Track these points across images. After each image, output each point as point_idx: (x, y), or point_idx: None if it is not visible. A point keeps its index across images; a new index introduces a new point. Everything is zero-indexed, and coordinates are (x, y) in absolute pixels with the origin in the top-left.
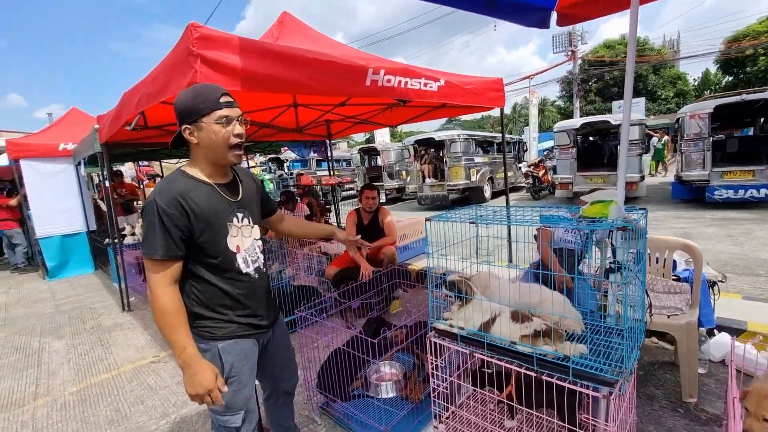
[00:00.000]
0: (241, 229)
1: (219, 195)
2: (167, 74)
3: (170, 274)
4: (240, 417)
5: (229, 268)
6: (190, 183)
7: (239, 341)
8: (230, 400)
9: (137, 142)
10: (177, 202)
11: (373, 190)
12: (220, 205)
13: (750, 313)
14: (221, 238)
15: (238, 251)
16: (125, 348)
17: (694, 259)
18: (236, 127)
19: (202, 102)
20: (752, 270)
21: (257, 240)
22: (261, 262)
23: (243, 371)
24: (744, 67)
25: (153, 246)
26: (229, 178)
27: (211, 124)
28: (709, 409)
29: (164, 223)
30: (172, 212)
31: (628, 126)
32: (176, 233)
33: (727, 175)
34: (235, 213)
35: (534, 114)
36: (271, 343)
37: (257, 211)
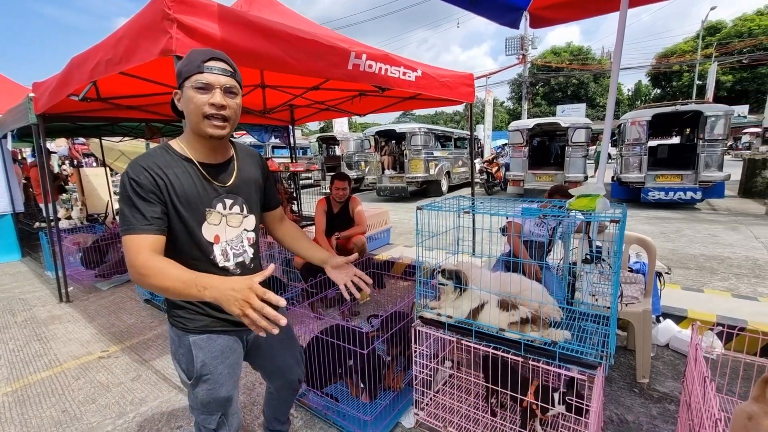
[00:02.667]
0: (226, 217)
1: (200, 176)
2: (134, 39)
3: (154, 247)
4: (215, 419)
5: (202, 259)
6: (168, 158)
7: (213, 337)
8: (204, 398)
9: (79, 115)
10: (145, 170)
11: (344, 180)
12: (200, 188)
13: (689, 302)
14: (195, 224)
15: (216, 242)
16: (67, 343)
17: (649, 252)
18: (216, 95)
19: (187, 64)
20: (684, 264)
21: (248, 231)
22: (248, 257)
23: (217, 371)
24: (671, 81)
25: (130, 221)
26: (224, 158)
27: (188, 89)
28: (660, 388)
29: (138, 193)
30: (143, 182)
31: (610, 125)
32: (155, 204)
33: (660, 178)
34: (222, 199)
35: (489, 112)
36: (263, 341)
37: (256, 200)
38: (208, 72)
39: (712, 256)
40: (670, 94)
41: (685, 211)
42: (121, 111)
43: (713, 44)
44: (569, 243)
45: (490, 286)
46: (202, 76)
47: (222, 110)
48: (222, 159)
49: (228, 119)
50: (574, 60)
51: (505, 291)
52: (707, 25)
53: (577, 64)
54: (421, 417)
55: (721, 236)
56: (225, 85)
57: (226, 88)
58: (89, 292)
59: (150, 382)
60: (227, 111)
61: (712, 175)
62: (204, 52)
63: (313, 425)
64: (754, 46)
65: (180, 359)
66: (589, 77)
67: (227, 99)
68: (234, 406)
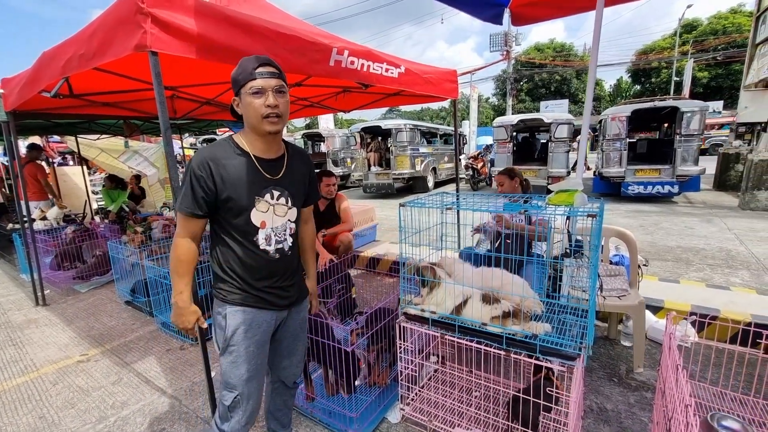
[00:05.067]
0: (273, 206)
1: (255, 167)
2: (107, 33)
3: (190, 229)
4: (231, 397)
5: (248, 240)
6: (229, 150)
7: (247, 310)
8: (226, 369)
9: (52, 113)
10: (207, 164)
11: (332, 177)
12: (253, 177)
13: (665, 293)
14: (245, 209)
15: (262, 227)
16: (44, 347)
17: (629, 244)
18: (269, 97)
19: (240, 73)
20: (661, 256)
21: (291, 222)
22: (287, 245)
23: (243, 343)
24: (650, 77)
25: (181, 201)
26: (277, 155)
27: (246, 95)
28: (637, 377)
29: (192, 183)
30: (200, 174)
31: (588, 119)
32: (200, 194)
33: (639, 173)
34: (270, 190)
35: (474, 108)
36: (283, 327)
37: (301, 195)
38: (260, 78)
39: (688, 247)
40: (649, 90)
41: (663, 204)
42: (97, 108)
43: (690, 41)
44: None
45: (472, 281)
46: (256, 83)
47: (276, 109)
48: (275, 155)
49: (281, 115)
50: (557, 56)
51: (487, 285)
52: (684, 23)
53: (560, 60)
54: (406, 412)
55: (697, 228)
56: (275, 87)
57: (276, 89)
58: (67, 295)
59: (132, 385)
60: (280, 108)
61: (688, 170)
62: (253, 60)
63: (299, 423)
64: (728, 44)
65: (217, 326)
66: (571, 74)
67: (278, 98)
68: (254, 390)
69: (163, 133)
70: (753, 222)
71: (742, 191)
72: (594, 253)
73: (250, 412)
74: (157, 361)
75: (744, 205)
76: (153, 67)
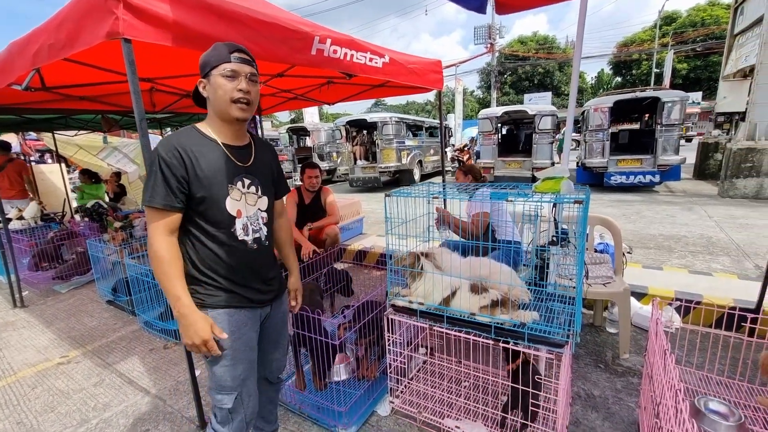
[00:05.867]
0: (245, 195)
1: (225, 155)
2: (77, 21)
3: (168, 224)
4: (232, 398)
5: (225, 231)
6: (196, 138)
7: (231, 312)
8: (222, 376)
9: (25, 107)
10: (177, 151)
11: (315, 168)
12: (225, 165)
13: (649, 280)
14: (219, 198)
15: (238, 216)
16: (22, 350)
17: (613, 232)
18: (242, 82)
19: (214, 55)
20: (644, 244)
21: (262, 211)
22: (264, 234)
23: (235, 346)
24: (631, 69)
25: (152, 194)
26: (243, 143)
27: (217, 77)
28: (624, 362)
29: (164, 172)
30: (171, 161)
31: (572, 112)
32: (174, 183)
33: (621, 163)
34: (242, 177)
35: (459, 101)
36: (267, 322)
37: (269, 184)
38: (234, 61)
39: (670, 235)
40: (630, 82)
41: (645, 193)
42: (73, 102)
43: (670, 33)
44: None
45: (460, 271)
46: (230, 65)
47: (247, 95)
48: (242, 143)
49: (251, 103)
50: (540, 49)
51: (475, 275)
52: (664, 15)
53: (543, 53)
54: (396, 404)
55: (678, 216)
56: (248, 74)
57: (250, 76)
58: (46, 296)
59: (114, 387)
60: (251, 95)
61: (669, 159)
62: (228, 45)
63: (287, 420)
64: (706, 35)
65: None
66: (554, 66)
67: (250, 86)
68: (251, 388)
69: (138, 124)
70: (732, 209)
71: (721, 179)
72: (580, 240)
73: (252, 408)
74: (140, 360)
75: (723, 193)
76: (126, 55)
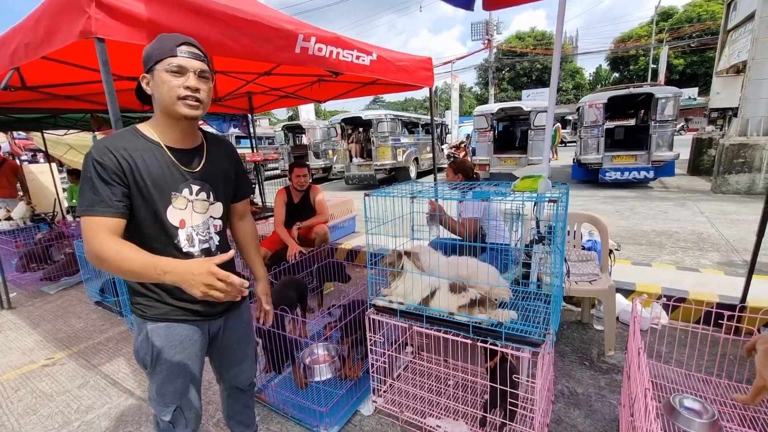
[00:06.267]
0: (192, 203)
1: (168, 159)
2: (53, 20)
3: (114, 231)
4: (170, 411)
5: (166, 242)
6: (134, 140)
7: (172, 326)
8: (159, 387)
9: (11, 107)
10: (110, 152)
11: (303, 167)
12: (167, 171)
13: (637, 276)
14: (159, 207)
15: (181, 226)
16: (7, 352)
17: (600, 229)
18: (190, 79)
19: (158, 48)
20: (636, 240)
21: (214, 219)
22: (214, 244)
23: (174, 360)
24: (628, 65)
25: (90, 202)
26: (192, 145)
27: (161, 72)
28: (609, 360)
29: (101, 175)
30: (106, 164)
31: (553, 109)
32: (117, 187)
33: (616, 159)
34: (189, 184)
35: (455, 98)
36: (222, 333)
37: (223, 188)
38: (181, 56)
39: (662, 231)
40: (628, 78)
41: (639, 189)
42: (60, 101)
43: (666, 29)
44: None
45: (441, 270)
46: (176, 60)
47: (196, 93)
48: (191, 145)
49: (202, 101)
50: (538, 45)
51: (457, 274)
52: (660, 11)
53: (541, 49)
54: (379, 404)
55: (671, 212)
56: (198, 70)
57: (200, 73)
58: (34, 297)
59: (98, 388)
60: (201, 94)
61: (663, 155)
62: (174, 37)
63: (270, 420)
64: (702, 31)
65: (138, 347)
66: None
67: (200, 83)
68: (193, 401)
69: (114, 124)
70: (724, 205)
71: (714, 175)
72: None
73: (194, 419)
74: (126, 362)
75: (716, 189)
76: (100, 55)
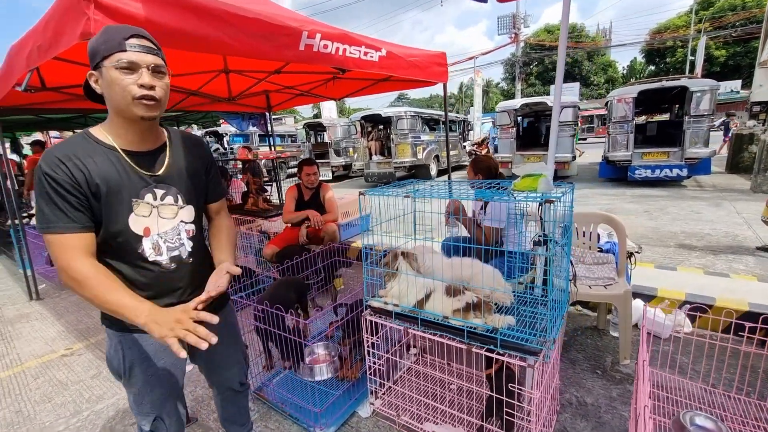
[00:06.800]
0: (157, 208)
1: (125, 164)
2: (59, 22)
3: (83, 247)
4: (149, 421)
5: (130, 252)
6: (88, 146)
7: (145, 337)
8: (135, 399)
9: (41, 108)
10: (61, 163)
11: (313, 165)
12: (125, 177)
13: (661, 281)
14: (120, 216)
15: (146, 234)
16: (31, 341)
17: (617, 230)
18: (143, 76)
19: (104, 42)
20: (664, 242)
21: (186, 223)
22: (186, 251)
23: (149, 372)
24: (665, 57)
25: (49, 219)
26: (154, 146)
27: (110, 69)
28: (623, 369)
29: (55, 189)
30: (59, 176)
31: (559, 105)
32: (73, 199)
33: (646, 156)
34: (151, 189)
35: (478, 94)
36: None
37: (194, 190)
38: (131, 50)
39: (693, 233)
40: (664, 71)
41: (671, 188)
42: (83, 101)
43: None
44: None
45: (442, 272)
46: (125, 55)
47: (152, 91)
48: (151, 146)
49: (159, 100)
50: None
51: (457, 276)
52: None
53: (571, 42)
54: (377, 406)
55: (704, 213)
56: (152, 65)
57: (154, 68)
58: (61, 289)
59: (110, 379)
60: (157, 91)
61: (698, 152)
62: (122, 29)
63: (269, 418)
64: (747, 19)
65: (111, 358)
66: (582, 55)
67: (155, 79)
68: (173, 410)
69: None
70: (764, 205)
71: (754, 173)
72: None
73: (176, 427)
74: None
75: (756, 188)
76: None
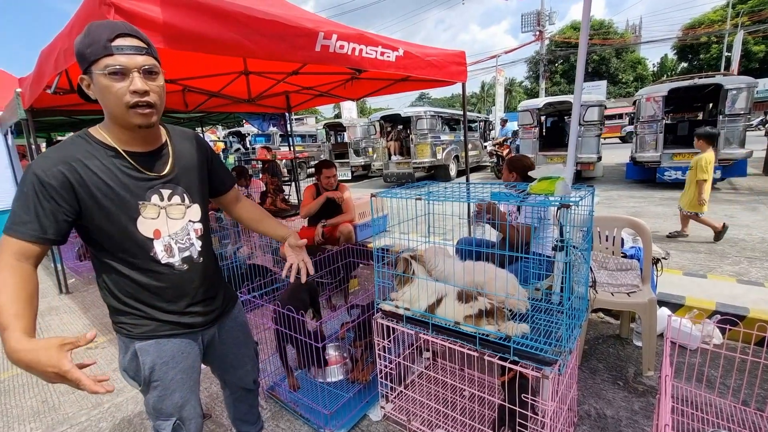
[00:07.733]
0: (165, 209)
1: (128, 165)
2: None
3: (24, 253)
4: (170, 425)
5: (141, 257)
6: (89, 148)
7: (162, 342)
8: (155, 404)
9: (73, 109)
10: (59, 172)
11: (331, 168)
12: (129, 180)
13: (689, 289)
14: (127, 220)
15: (156, 237)
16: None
17: (643, 235)
18: (135, 81)
19: (90, 45)
20: (694, 247)
21: (194, 222)
22: (196, 250)
23: (168, 376)
24: (698, 54)
25: (16, 220)
26: (155, 145)
27: (99, 77)
28: (646, 381)
29: (37, 195)
30: (49, 182)
31: (579, 104)
32: (50, 209)
33: (677, 157)
34: (158, 190)
35: (500, 93)
36: (217, 339)
37: (199, 187)
38: (118, 53)
39: (726, 238)
40: (697, 68)
41: None
42: None
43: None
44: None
45: (454, 276)
46: (113, 59)
47: (146, 96)
48: (152, 146)
49: (154, 105)
50: (595, 35)
51: (470, 281)
52: None
53: (599, 39)
54: (387, 410)
55: (739, 217)
56: (143, 66)
57: (145, 70)
58: (89, 284)
59: None
60: (152, 96)
61: (732, 153)
62: (106, 27)
63: (280, 417)
64: None
65: (127, 367)
66: (610, 53)
67: (148, 82)
68: (192, 410)
69: None
70: None
71: None
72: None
73: (195, 428)
74: None
75: None
76: None
